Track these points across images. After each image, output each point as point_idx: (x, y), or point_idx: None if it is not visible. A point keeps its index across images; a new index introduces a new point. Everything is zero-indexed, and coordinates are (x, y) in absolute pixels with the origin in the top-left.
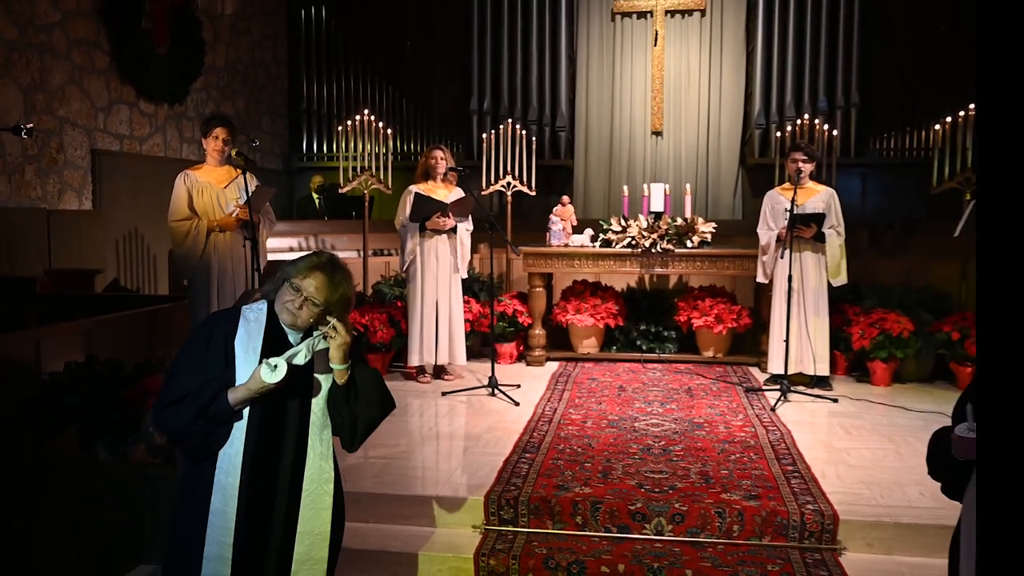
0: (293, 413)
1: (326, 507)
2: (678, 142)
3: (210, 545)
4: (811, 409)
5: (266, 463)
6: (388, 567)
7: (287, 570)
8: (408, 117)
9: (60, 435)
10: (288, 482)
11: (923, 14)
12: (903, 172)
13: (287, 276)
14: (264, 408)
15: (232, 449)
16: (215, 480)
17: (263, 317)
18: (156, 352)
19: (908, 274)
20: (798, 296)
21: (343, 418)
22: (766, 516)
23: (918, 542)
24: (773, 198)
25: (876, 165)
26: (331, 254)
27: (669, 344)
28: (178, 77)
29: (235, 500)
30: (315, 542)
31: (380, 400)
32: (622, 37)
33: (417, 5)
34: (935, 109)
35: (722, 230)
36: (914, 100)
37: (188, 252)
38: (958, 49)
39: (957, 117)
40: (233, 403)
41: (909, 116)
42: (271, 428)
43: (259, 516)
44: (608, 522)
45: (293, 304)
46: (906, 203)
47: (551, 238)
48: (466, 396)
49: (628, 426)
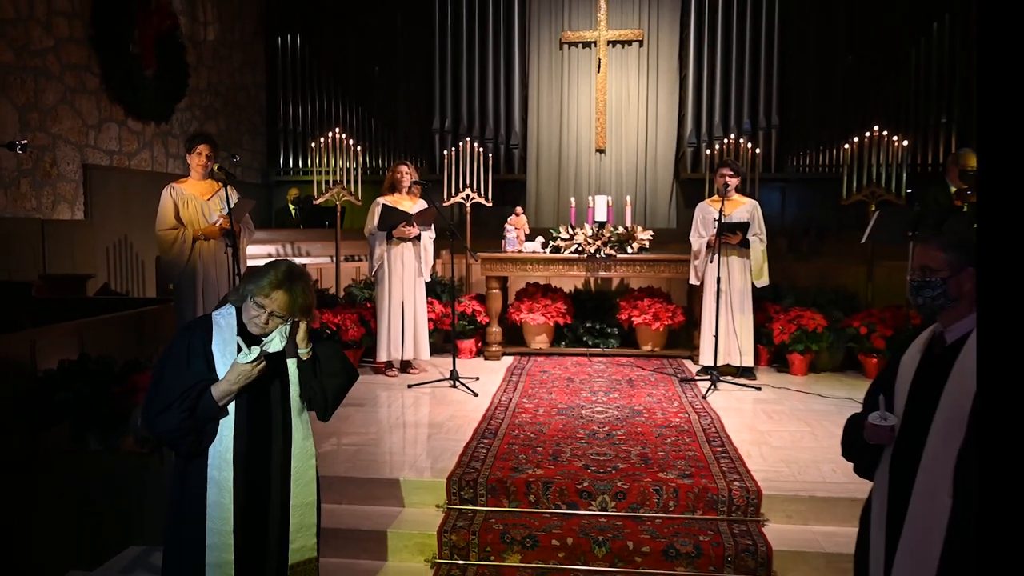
0: (276, 401)
1: (311, 479)
2: (619, 158)
3: (211, 536)
4: (738, 397)
5: (259, 452)
6: (360, 543)
7: (286, 539)
8: (376, 135)
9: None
10: (280, 465)
11: (833, 46)
12: (817, 186)
13: (250, 294)
14: (249, 403)
15: (222, 446)
16: (208, 476)
17: (233, 321)
18: (144, 351)
19: (821, 276)
20: (726, 296)
21: (314, 391)
22: (698, 492)
23: (831, 513)
24: (703, 209)
25: (793, 180)
26: (288, 265)
27: (612, 340)
28: (164, 98)
29: (231, 492)
30: (306, 511)
31: (343, 369)
32: (569, 64)
33: (384, 34)
34: (844, 130)
35: (659, 237)
36: (826, 122)
37: (175, 259)
38: (864, 77)
39: (864, 137)
40: (218, 398)
41: (821, 136)
42: (259, 420)
43: (257, 501)
44: (558, 500)
45: (260, 320)
46: (819, 213)
47: (506, 245)
48: (430, 388)
49: (576, 413)
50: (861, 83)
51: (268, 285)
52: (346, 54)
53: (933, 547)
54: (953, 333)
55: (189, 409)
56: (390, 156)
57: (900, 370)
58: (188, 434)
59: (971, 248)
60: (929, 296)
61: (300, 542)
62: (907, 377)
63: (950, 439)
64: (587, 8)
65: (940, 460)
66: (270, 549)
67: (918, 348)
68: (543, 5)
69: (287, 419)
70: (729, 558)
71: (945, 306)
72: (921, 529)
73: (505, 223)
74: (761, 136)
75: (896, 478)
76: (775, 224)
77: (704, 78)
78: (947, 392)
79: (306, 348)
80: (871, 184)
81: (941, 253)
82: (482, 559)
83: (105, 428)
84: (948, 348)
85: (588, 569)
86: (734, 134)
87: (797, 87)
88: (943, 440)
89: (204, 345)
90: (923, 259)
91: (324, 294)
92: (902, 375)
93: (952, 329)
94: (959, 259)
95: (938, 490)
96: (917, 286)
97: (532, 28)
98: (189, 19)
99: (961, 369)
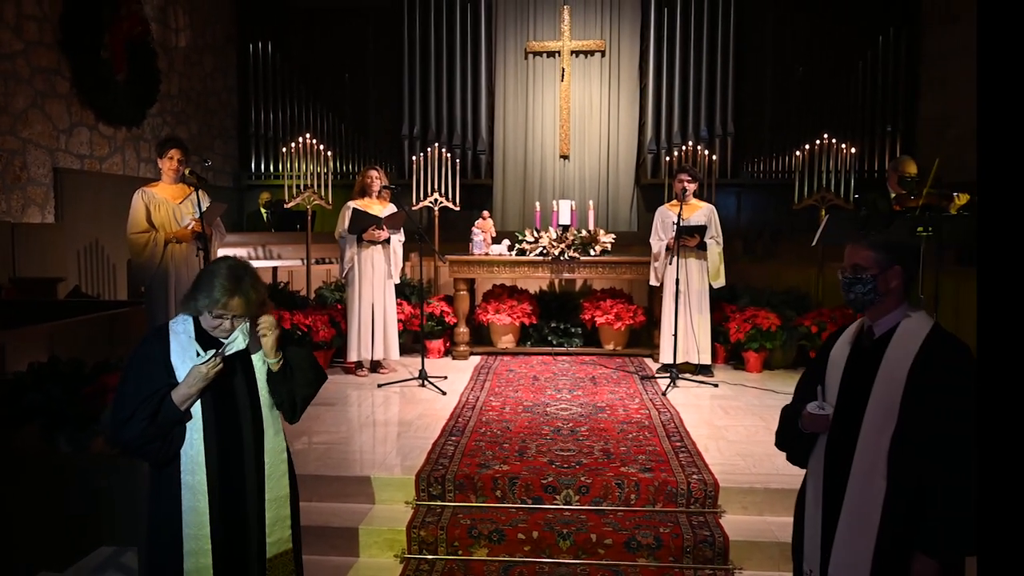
0: (244, 400)
1: (283, 473)
2: (583, 164)
3: (188, 541)
4: (696, 393)
5: (231, 452)
6: (331, 540)
7: (263, 534)
8: (346, 141)
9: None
10: (253, 463)
11: (785, 58)
12: (770, 191)
13: (206, 310)
14: (216, 403)
15: (193, 450)
16: (182, 481)
17: (191, 328)
18: (115, 353)
19: (775, 277)
20: (684, 297)
21: (282, 397)
22: (658, 486)
23: (785, 504)
24: (663, 213)
25: (748, 185)
26: (228, 268)
27: (576, 339)
28: (135, 102)
29: (205, 496)
30: (280, 504)
31: (314, 378)
32: (534, 73)
33: (354, 42)
34: (796, 138)
35: (620, 240)
36: (778, 130)
37: (147, 262)
38: (815, 87)
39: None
40: (179, 402)
41: (775, 144)
42: (228, 420)
43: (234, 501)
44: (524, 495)
45: (224, 327)
46: (773, 217)
47: (473, 248)
48: (399, 387)
49: (541, 411)
50: (812, 93)
51: (221, 295)
52: (317, 60)
53: (870, 526)
54: (881, 327)
55: (150, 416)
56: (360, 161)
57: (830, 362)
58: (152, 441)
59: (897, 248)
60: (860, 292)
61: (276, 535)
62: (838, 369)
63: (883, 426)
64: (551, 19)
65: (874, 446)
66: (251, 547)
67: (847, 341)
68: (509, 16)
69: (257, 416)
70: (688, 549)
71: (874, 301)
72: (858, 510)
73: (472, 227)
74: (718, 143)
75: (831, 464)
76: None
77: (663, 87)
78: (878, 382)
79: (276, 359)
80: (821, 189)
81: (870, 252)
82: (450, 553)
83: (75, 429)
84: (876, 341)
85: (553, 561)
86: (692, 141)
87: (752, 97)
88: (877, 427)
89: (163, 355)
90: (854, 258)
91: (295, 296)
92: (833, 367)
93: (880, 323)
94: (887, 258)
95: (873, 473)
96: (849, 282)
97: (498, 38)
98: (161, 25)
99: (890, 360)
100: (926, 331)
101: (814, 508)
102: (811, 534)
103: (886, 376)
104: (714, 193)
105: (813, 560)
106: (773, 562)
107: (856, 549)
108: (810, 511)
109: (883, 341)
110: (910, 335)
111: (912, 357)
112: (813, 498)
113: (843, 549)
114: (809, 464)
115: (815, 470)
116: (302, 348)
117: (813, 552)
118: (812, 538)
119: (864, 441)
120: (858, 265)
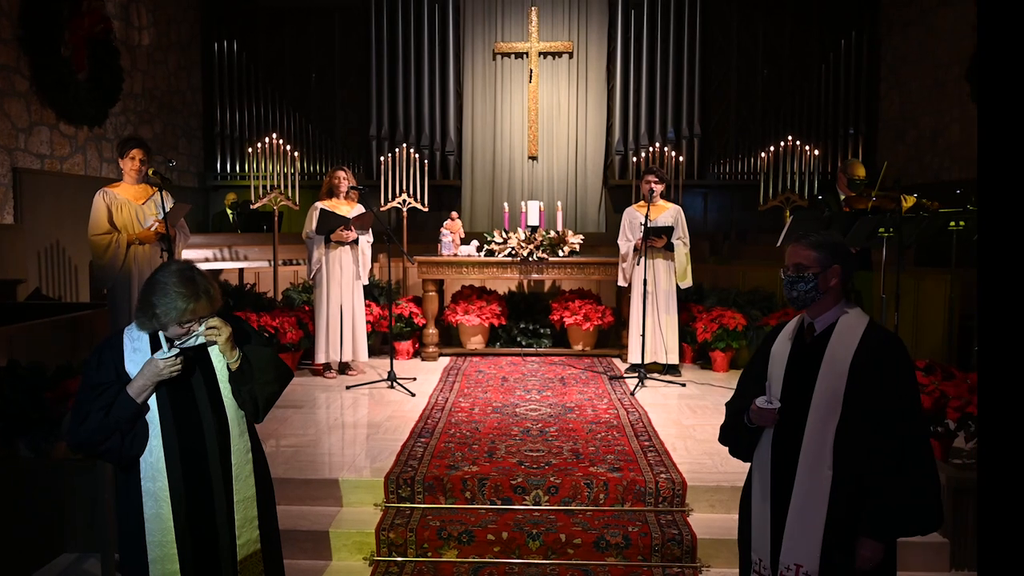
0: (204, 402)
1: (249, 473)
2: (551, 165)
3: (152, 549)
4: (664, 393)
5: (194, 456)
6: (299, 543)
7: (234, 536)
8: (313, 141)
9: None
10: (219, 464)
11: (751, 61)
12: (736, 192)
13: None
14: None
15: (152, 456)
16: (143, 489)
17: (146, 342)
18: (78, 356)
19: (741, 277)
20: (652, 297)
21: (244, 397)
22: (627, 485)
23: None
24: (630, 214)
25: (714, 186)
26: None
27: (545, 340)
28: (97, 102)
29: (168, 502)
30: (248, 505)
31: (276, 376)
32: (502, 74)
33: (321, 41)
34: (761, 140)
35: (588, 241)
36: (744, 132)
37: (109, 263)
38: (780, 90)
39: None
40: (135, 394)
41: (740, 146)
42: (189, 423)
43: (201, 505)
44: (493, 496)
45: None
46: (739, 218)
47: (442, 249)
48: (368, 389)
49: (510, 412)
50: (777, 95)
51: (185, 303)
52: (283, 60)
53: (819, 514)
54: (821, 323)
55: (105, 407)
56: (327, 162)
57: (772, 359)
58: (110, 435)
59: (836, 247)
60: (802, 290)
61: (245, 536)
62: (780, 364)
63: (828, 418)
64: (519, 20)
65: (820, 437)
66: (223, 551)
67: (787, 337)
68: (477, 16)
69: (221, 418)
70: (657, 547)
71: (815, 299)
72: (806, 499)
73: (441, 227)
74: (684, 144)
75: (778, 455)
76: (698, 228)
77: (631, 89)
78: (822, 376)
79: (234, 358)
80: (786, 190)
81: (812, 252)
82: (420, 555)
83: (37, 434)
84: (818, 337)
85: (523, 562)
86: (659, 143)
87: (718, 98)
88: (821, 419)
89: (115, 363)
90: (796, 257)
91: (262, 298)
92: (775, 363)
93: (819, 320)
94: (827, 257)
95: (820, 463)
96: (792, 281)
97: (466, 38)
98: (123, 23)
99: (832, 355)
100: (863, 327)
101: (762, 499)
102: (759, 524)
103: (829, 370)
104: (681, 194)
105: (762, 549)
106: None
107: (806, 536)
108: (757, 502)
109: (823, 337)
110: (849, 330)
111: (853, 351)
112: (760, 490)
113: (794, 536)
114: (754, 457)
115: (761, 462)
116: (263, 346)
117: (762, 541)
118: (760, 528)
119: (810, 433)
120: (800, 264)
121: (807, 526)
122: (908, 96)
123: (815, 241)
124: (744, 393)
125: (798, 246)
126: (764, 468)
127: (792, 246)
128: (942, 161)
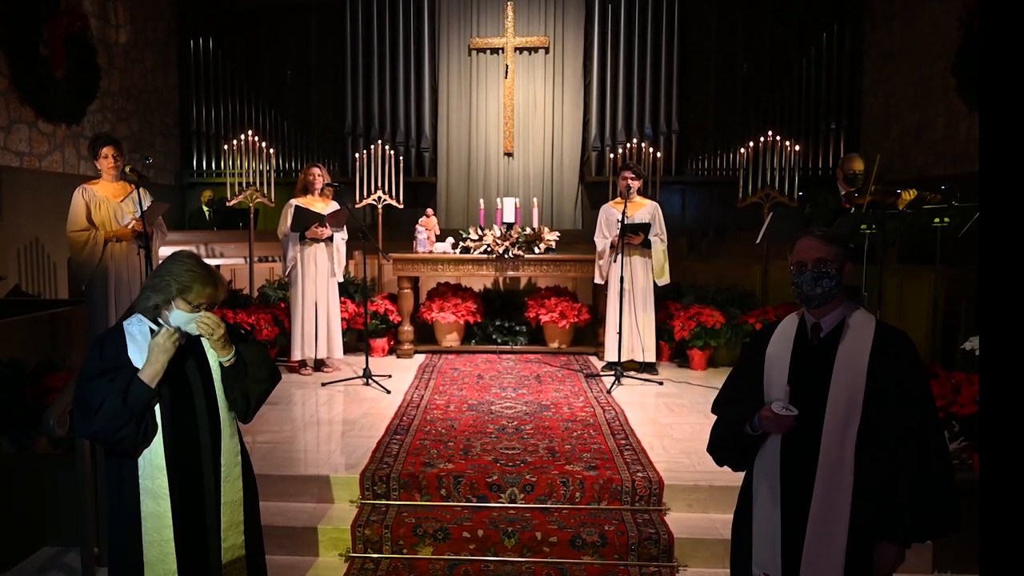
0: (201, 401)
1: (237, 476)
2: (527, 162)
3: (150, 548)
4: (641, 391)
5: (189, 455)
6: (275, 540)
7: (219, 540)
8: (289, 138)
9: None
10: (211, 465)
11: (730, 56)
12: (715, 188)
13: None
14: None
15: (152, 453)
16: (141, 487)
17: (146, 328)
18: (58, 352)
19: (720, 275)
20: (629, 295)
21: (236, 394)
22: (603, 483)
23: (729, 501)
24: (607, 211)
25: (692, 183)
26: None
27: (520, 337)
28: (75, 99)
29: (167, 500)
30: (235, 508)
31: (268, 375)
32: (478, 70)
33: (296, 38)
34: (740, 135)
35: (565, 238)
36: (723, 128)
37: (86, 260)
38: (759, 86)
39: (758, 143)
40: (148, 380)
41: (719, 142)
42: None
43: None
44: (469, 493)
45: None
46: (717, 215)
47: (417, 246)
48: (343, 386)
49: (486, 409)
50: (757, 90)
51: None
52: (259, 57)
53: (841, 522)
54: (828, 322)
55: (121, 393)
56: (303, 158)
57: (769, 362)
58: (126, 422)
59: (845, 243)
60: (828, 286)
61: (230, 541)
62: (782, 368)
63: (847, 421)
64: (495, 15)
65: (839, 441)
66: (211, 554)
67: (786, 339)
68: (452, 12)
69: (215, 418)
70: (633, 546)
71: (836, 295)
72: (828, 507)
73: (416, 224)
74: (662, 140)
75: (790, 463)
76: (676, 225)
77: (608, 85)
78: (836, 378)
79: (228, 356)
80: (765, 187)
81: (832, 247)
82: (395, 552)
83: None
84: (825, 337)
85: (498, 560)
86: (636, 138)
87: (696, 94)
88: (840, 422)
89: (118, 351)
90: (816, 252)
91: (238, 295)
92: (773, 366)
93: (827, 319)
94: (843, 252)
95: (840, 469)
96: (816, 277)
97: (442, 34)
98: (100, 21)
99: (847, 355)
100: (873, 324)
101: (770, 511)
102: (767, 537)
103: (844, 371)
104: (658, 191)
105: (770, 563)
106: (718, 559)
107: (829, 545)
108: (764, 514)
109: (831, 337)
110: (860, 329)
111: (868, 350)
112: (770, 500)
113: (815, 547)
114: (756, 466)
115: (768, 471)
116: (256, 344)
117: (768, 554)
118: (769, 541)
119: (828, 437)
120: (823, 259)
121: (830, 535)
122: (892, 91)
123: (831, 236)
124: (733, 400)
125: (816, 241)
126: (772, 477)
127: (808, 241)
128: (927, 157)
